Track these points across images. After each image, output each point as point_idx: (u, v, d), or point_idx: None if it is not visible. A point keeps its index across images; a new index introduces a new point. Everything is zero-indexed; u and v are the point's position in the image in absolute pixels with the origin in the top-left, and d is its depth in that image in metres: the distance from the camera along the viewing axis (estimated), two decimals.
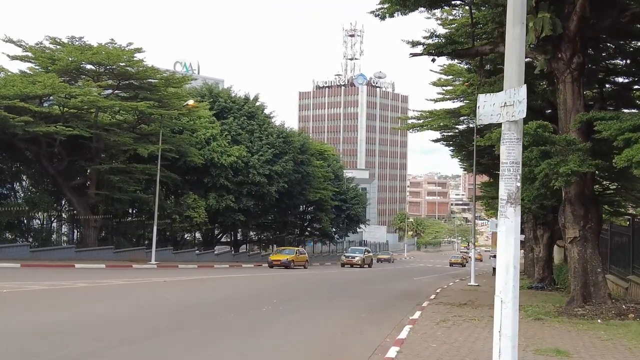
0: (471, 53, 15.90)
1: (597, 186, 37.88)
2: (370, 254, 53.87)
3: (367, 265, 49.46)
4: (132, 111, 34.27)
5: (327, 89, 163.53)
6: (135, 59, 33.24)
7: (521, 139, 5.35)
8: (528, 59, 15.07)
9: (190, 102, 33.91)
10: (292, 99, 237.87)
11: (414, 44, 16.20)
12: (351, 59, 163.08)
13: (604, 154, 15.18)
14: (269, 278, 28.84)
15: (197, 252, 41.65)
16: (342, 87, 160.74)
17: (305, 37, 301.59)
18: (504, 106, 5.30)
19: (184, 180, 42.46)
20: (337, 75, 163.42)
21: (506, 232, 5.09)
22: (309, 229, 66.47)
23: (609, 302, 14.05)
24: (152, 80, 35.05)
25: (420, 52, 16.13)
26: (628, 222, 16.22)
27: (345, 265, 47.87)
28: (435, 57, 16.14)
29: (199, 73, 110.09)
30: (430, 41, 16.10)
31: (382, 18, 17.06)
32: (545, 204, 27.56)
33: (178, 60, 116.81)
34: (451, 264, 67.48)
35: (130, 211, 41.38)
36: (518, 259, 5.06)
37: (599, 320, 12.59)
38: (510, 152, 5.31)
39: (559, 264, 27.75)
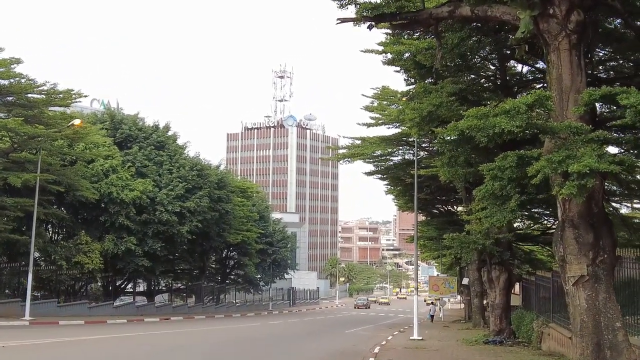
0: (422, 18, 11.28)
1: (537, 225, 34.58)
2: None
3: None
4: (5, 132, 28.13)
5: (256, 130, 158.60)
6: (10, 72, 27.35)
7: None
8: (506, 18, 10.55)
9: (77, 121, 28.03)
10: (220, 141, 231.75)
11: (344, 4, 11.44)
12: (281, 101, 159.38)
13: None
14: (165, 336, 22.97)
15: (89, 305, 34.84)
16: (272, 129, 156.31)
17: (233, 78, 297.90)
18: None
19: (76, 219, 36.05)
20: (266, 116, 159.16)
21: None
22: (232, 275, 60.24)
23: None
24: (34, 96, 29.11)
25: (353, 16, 11.37)
26: (635, 255, 11.67)
27: None
28: (373, 23, 11.42)
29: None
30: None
31: None
32: (500, 238, 23.30)
33: (95, 98, 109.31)
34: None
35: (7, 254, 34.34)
36: None
37: None
38: None
39: (518, 313, 23.23)
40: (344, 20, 11.46)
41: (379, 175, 38.48)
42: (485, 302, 35.26)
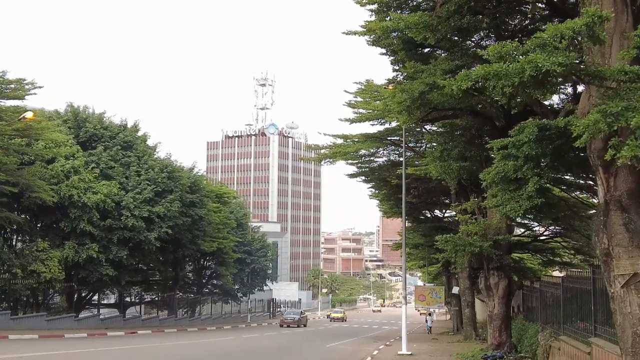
0: None
1: (527, 232, 32.47)
2: None
3: None
4: None
5: (237, 138, 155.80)
6: None
7: None
8: None
9: (29, 114, 25.30)
10: (200, 149, 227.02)
11: None
12: (262, 109, 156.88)
13: None
14: (123, 352, 20.27)
15: (47, 317, 31.90)
16: (253, 137, 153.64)
17: (214, 86, 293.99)
18: None
19: (35, 224, 33.25)
20: (247, 125, 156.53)
21: None
22: (208, 286, 57.34)
23: None
24: None
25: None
26: None
27: None
28: None
29: None
30: None
31: None
32: (499, 240, 20.94)
33: (68, 102, 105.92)
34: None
35: None
36: None
37: None
38: None
39: (518, 324, 20.84)
40: None
41: (363, 178, 36.12)
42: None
